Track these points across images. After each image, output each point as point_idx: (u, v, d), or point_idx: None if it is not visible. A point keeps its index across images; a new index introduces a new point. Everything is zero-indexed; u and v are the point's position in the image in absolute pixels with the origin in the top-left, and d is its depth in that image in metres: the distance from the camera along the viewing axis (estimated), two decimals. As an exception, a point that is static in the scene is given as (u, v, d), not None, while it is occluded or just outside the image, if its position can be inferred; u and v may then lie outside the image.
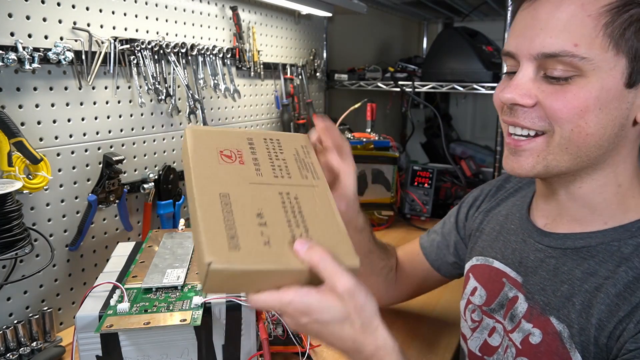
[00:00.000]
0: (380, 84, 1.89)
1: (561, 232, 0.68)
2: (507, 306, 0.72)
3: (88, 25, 0.96)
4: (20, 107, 0.87)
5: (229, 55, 1.31)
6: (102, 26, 1.00)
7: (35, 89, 0.89)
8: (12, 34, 0.84)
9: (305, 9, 1.56)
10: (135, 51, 1.05)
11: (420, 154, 2.48)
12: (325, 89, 1.92)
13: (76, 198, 0.98)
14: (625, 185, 0.64)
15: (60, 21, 0.91)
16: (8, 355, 0.83)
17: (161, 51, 1.11)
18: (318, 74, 1.81)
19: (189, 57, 1.20)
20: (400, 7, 2.24)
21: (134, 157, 1.11)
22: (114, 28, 1.02)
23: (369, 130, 1.69)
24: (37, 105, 0.89)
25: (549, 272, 0.67)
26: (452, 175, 1.88)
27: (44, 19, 0.89)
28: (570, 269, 0.65)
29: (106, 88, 1.02)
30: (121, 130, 1.07)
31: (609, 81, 0.57)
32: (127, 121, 1.08)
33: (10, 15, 0.83)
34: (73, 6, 0.93)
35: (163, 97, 1.12)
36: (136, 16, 1.07)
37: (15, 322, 0.86)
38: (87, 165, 1.00)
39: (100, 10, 0.99)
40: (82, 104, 0.97)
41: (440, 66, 1.82)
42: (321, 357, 0.86)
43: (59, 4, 0.91)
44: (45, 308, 0.90)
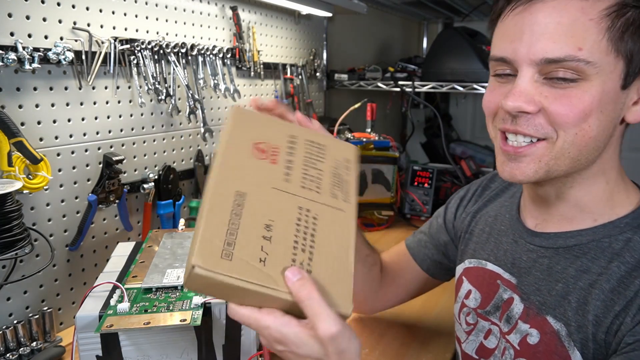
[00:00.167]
0: (380, 84, 1.89)
1: (552, 232, 0.68)
2: (503, 308, 0.71)
3: (88, 25, 0.96)
4: (20, 107, 0.87)
5: (229, 55, 1.31)
6: (102, 26, 1.00)
7: (35, 89, 0.89)
8: (12, 34, 0.84)
9: (305, 9, 1.56)
10: (135, 51, 1.05)
11: (420, 154, 2.48)
12: (325, 89, 1.91)
13: (76, 198, 0.98)
14: (612, 181, 0.65)
15: (60, 21, 0.91)
16: (8, 355, 0.83)
17: (161, 51, 1.11)
18: (318, 74, 1.81)
19: (189, 57, 1.20)
20: (400, 7, 2.24)
21: (134, 157, 1.11)
22: (114, 28, 1.02)
23: (369, 130, 1.69)
24: (37, 105, 0.89)
25: (542, 271, 0.67)
26: (452, 175, 1.88)
27: (44, 19, 0.89)
28: (564, 267, 0.65)
29: (106, 88, 1.02)
30: (121, 130, 1.07)
31: (609, 84, 0.57)
32: (127, 121, 1.08)
33: (10, 15, 0.83)
34: (73, 6, 0.93)
35: (163, 97, 1.12)
36: (136, 16, 1.07)
37: (15, 322, 0.86)
38: (87, 165, 1.00)
39: (100, 10, 0.99)
40: (82, 104, 0.97)
41: (440, 66, 1.82)
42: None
43: (59, 4, 0.91)
44: (45, 308, 0.90)
